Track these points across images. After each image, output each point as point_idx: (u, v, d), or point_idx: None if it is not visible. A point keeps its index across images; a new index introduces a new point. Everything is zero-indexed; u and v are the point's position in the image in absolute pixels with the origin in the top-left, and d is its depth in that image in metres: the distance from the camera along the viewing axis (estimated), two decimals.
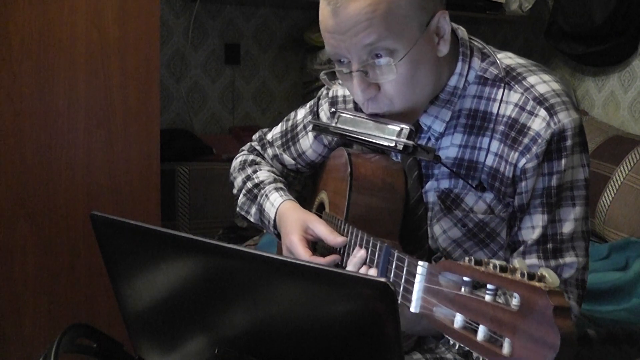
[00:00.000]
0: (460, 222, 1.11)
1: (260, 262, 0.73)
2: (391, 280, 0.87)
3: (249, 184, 1.32)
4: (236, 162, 1.41)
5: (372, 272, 0.95)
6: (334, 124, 1.11)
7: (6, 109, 1.93)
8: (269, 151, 1.39)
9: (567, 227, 1.06)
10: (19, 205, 1.98)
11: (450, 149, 1.10)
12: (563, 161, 1.03)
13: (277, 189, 1.27)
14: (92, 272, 2.08)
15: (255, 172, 1.34)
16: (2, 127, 1.93)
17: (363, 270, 0.98)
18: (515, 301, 0.61)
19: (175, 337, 0.86)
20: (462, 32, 1.12)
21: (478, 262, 0.67)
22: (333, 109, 1.16)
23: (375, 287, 0.66)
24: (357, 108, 1.20)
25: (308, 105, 1.38)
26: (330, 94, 1.31)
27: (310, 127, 1.33)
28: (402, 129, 1.00)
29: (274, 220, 1.24)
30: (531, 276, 0.61)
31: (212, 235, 2.47)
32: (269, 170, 1.34)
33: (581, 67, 3.11)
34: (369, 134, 1.04)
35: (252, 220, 1.33)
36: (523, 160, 1.04)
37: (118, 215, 0.81)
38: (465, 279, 0.68)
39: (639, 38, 2.77)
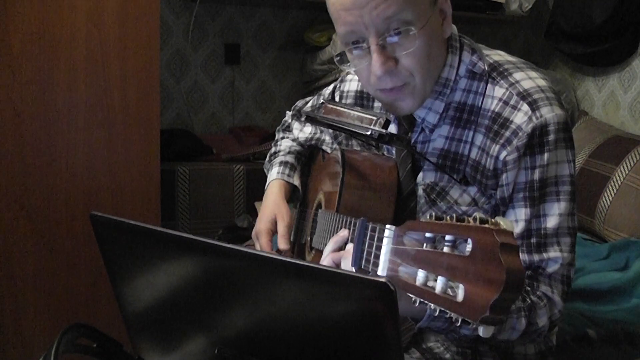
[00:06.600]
0: (444, 214, 1.11)
1: (260, 262, 0.73)
2: (365, 250, 0.89)
3: (273, 149, 1.52)
4: (284, 119, 1.57)
5: (349, 247, 0.96)
6: (321, 114, 1.17)
7: (6, 109, 1.93)
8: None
9: (552, 222, 1.07)
10: (19, 205, 1.98)
11: (437, 140, 1.13)
12: (546, 155, 1.05)
13: (281, 163, 1.42)
14: (92, 272, 2.08)
15: (283, 138, 1.54)
16: (2, 127, 1.93)
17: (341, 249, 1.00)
18: (468, 247, 0.60)
19: (175, 337, 0.86)
20: (452, 27, 1.16)
21: (439, 218, 0.67)
22: (322, 100, 1.21)
23: (376, 287, 0.66)
24: (356, 102, 1.32)
25: (332, 85, 1.45)
26: (342, 87, 1.38)
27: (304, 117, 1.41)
28: (378, 118, 1.04)
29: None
30: (484, 221, 0.60)
31: (212, 235, 2.46)
32: (293, 140, 1.51)
33: (581, 67, 3.10)
34: (349, 123, 1.08)
35: None
36: (504, 153, 1.06)
37: (118, 215, 0.81)
38: (427, 235, 0.69)
39: (639, 38, 2.77)
